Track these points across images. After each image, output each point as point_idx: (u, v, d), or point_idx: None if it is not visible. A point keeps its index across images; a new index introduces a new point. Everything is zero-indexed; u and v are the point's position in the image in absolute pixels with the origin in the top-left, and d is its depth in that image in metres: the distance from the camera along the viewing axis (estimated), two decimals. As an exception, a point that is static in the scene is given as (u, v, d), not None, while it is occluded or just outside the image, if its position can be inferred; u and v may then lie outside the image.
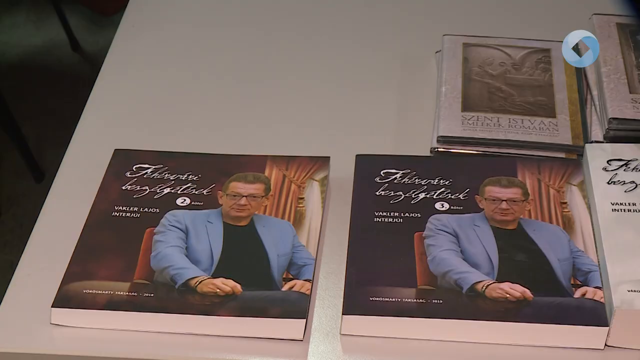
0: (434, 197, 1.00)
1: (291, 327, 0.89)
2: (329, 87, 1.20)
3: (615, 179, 0.99)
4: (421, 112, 1.14)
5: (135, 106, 1.18)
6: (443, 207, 0.99)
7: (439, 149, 1.07)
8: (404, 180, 1.02)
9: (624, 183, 0.99)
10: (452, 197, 1.00)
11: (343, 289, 0.92)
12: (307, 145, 1.10)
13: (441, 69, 1.16)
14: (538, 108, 1.10)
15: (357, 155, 1.05)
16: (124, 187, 1.02)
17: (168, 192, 1.01)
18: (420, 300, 0.90)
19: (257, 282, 0.92)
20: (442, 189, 1.01)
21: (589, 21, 1.17)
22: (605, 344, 0.88)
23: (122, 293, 0.91)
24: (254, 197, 1.01)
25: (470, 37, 1.20)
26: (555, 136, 1.06)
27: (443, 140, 1.07)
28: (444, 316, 0.89)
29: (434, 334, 0.89)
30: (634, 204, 0.96)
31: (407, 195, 1.01)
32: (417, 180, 1.02)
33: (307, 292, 0.91)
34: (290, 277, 0.93)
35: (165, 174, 1.04)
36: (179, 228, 0.97)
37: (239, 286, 0.91)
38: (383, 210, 0.99)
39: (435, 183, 1.02)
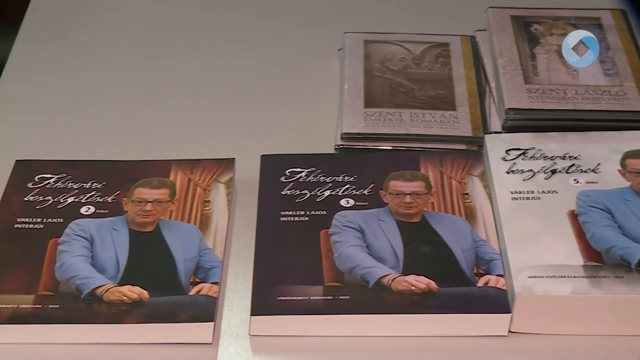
0: (339, 194, 1.01)
1: (200, 330, 0.89)
2: (232, 88, 1.20)
3: (514, 168, 1.01)
4: (325, 110, 1.15)
5: (36, 116, 1.16)
6: (348, 203, 1.00)
7: (343, 146, 1.08)
8: (309, 178, 1.03)
9: (523, 172, 1.01)
10: (357, 193, 1.01)
11: (251, 290, 0.92)
12: (212, 147, 1.10)
13: (343, 66, 1.17)
14: (439, 101, 1.11)
15: (262, 156, 1.06)
16: (26, 199, 1.00)
17: (72, 201, 1.00)
18: (328, 297, 0.91)
19: (164, 288, 0.92)
20: (347, 186, 1.02)
21: (484, 14, 1.19)
22: (509, 330, 0.90)
23: (26, 306, 0.90)
24: (160, 202, 1.00)
25: (371, 34, 1.21)
26: (455, 128, 1.08)
27: (347, 137, 1.08)
28: (351, 312, 0.90)
29: (342, 330, 0.90)
30: (532, 192, 0.98)
31: (312, 193, 1.01)
32: (322, 178, 1.03)
33: (215, 295, 0.91)
34: (198, 280, 0.93)
35: (68, 183, 1.03)
36: (83, 237, 0.96)
37: (145, 293, 0.91)
38: (289, 209, 1.00)
39: (340, 180, 1.03)
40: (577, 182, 0.99)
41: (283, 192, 1.01)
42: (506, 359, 0.89)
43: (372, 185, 1.02)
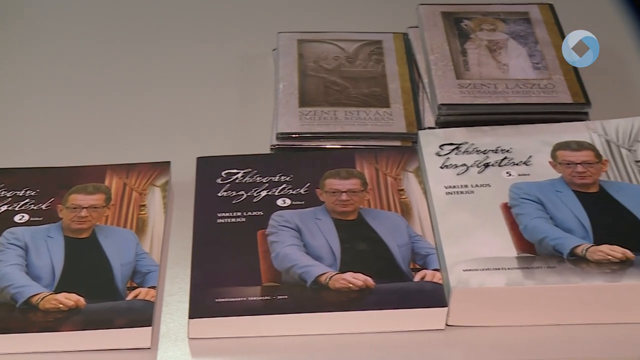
0: (276, 194, 1.01)
1: (137, 335, 0.89)
2: (166, 91, 1.20)
3: (447, 163, 1.02)
4: (261, 111, 1.15)
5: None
6: (285, 203, 1.01)
7: (279, 146, 1.08)
8: (245, 179, 1.03)
9: (456, 166, 1.02)
10: (294, 192, 1.02)
11: (189, 293, 0.92)
12: (148, 151, 1.09)
13: (277, 66, 1.17)
14: (373, 99, 1.12)
15: (198, 158, 1.06)
16: (-42, 209, 0.99)
17: (5, 210, 0.99)
18: (266, 298, 0.91)
19: (101, 294, 0.91)
20: (284, 185, 1.02)
21: (416, 11, 1.20)
22: (446, 324, 0.91)
23: None
24: (95, 208, 1.00)
25: (305, 34, 1.21)
26: (390, 125, 1.09)
27: (282, 137, 1.08)
28: (289, 311, 0.90)
29: (281, 329, 0.90)
30: (466, 186, 1.00)
31: (249, 194, 1.01)
32: (258, 179, 1.03)
33: (152, 300, 0.91)
34: (135, 285, 0.92)
35: (1, 192, 1.01)
36: (17, 245, 0.95)
37: (82, 299, 0.90)
38: (226, 210, 1.00)
39: (276, 180, 1.03)
40: (510, 174, 1.00)
41: (219, 194, 1.01)
42: (444, 353, 0.91)
43: (309, 184, 1.02)
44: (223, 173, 1.04)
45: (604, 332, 0.91)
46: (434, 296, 0.91)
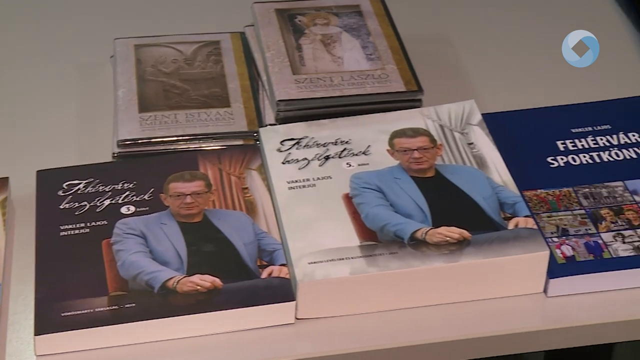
0: (119, 201, 1.01)
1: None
2: (1, 104, 1.17)
3: (289, 158, 1.03)
4: (102, 119, 1.14)
5: None
6: (129, 210, 1.00)
7: (121, 153, 1.07)
8: (87, 189, 1.02)
9: (298, 161, 1.03)
10: (138, 199, 1.01)
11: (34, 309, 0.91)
12: (-15, 167, 1.07)
13: (116, 72, 1.16)
14: (213, 100, 1.12)
15: (37, 171, 1.04)
16: None
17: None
18: (113, 307, 0.90)
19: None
20: (127, 193, 1.02)
21: (250, 10, 1.21)
22: (296, 317, 0.92)
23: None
24: None
25: (142, 38, 1.21)
26: (231, 125, 1.09)
27: (123, 144, 1.07)
28: (137, 319, 0.89)
29: (130, 338, 0.90)
30: (307, 180, 1.01)
31: (92, 204, 1.00)
32: (101, 188, 1.02)
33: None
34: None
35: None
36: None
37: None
38: (68, 223, 0.98)
39: (119, 188, 1.02)
40: (350, 165, 1.02)
41: (61, 206, 1.00)
42: (295, 346, 0.92)
43: (152, 189, 1.02)
44: (64, 185, 1.02)
45: (449, 312, 0.93)
46: (282, 291, 0.92)
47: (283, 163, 1.03)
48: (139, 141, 1.07)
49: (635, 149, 1.05)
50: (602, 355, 1.33)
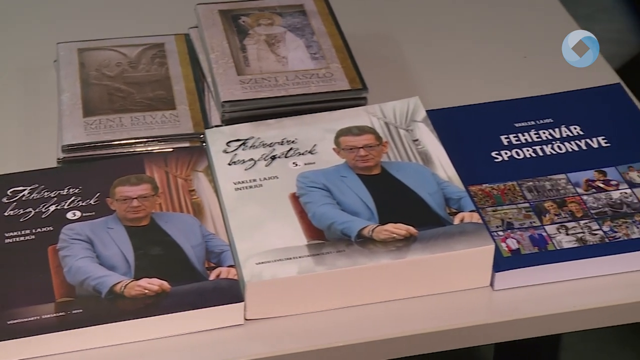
0: (65, 207, 1.00)
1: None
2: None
3: (235, 159, 1.03)
4: (46, 124, 1.13)
5: None
6: (75, 215, 0.99)
7: (66, 158, 1.06)
8: (32, 195, 1.01)
9: (244, 162, 1.03)
10: (84, 204, 1.00)
11: (-21, 319, 0.90)
12: None
13: (59, 77, 1.15)
14: (158, 102, 1.12)
15: (-19, 179, 1.03)
16: None
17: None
18: (60, 314, 0.90)
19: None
20: (73, 198, 1.01)
21: (194, 11, 1.20)
22: (245, 318, 0.92)
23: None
24: None
25: (85, 42, 1.20)
26: (177, 127, 1.09)
27: (68, 148, 1.06)
28: (84, 324, 0.89)
29: (78, 344, 0.89)
30: (254, 180, 1.01)
31: (37, 210, 0.99)
32: (46, 194, 1.01)
33: None
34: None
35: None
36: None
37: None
38: (13, 230, 0.97)
39: (65, 193, 1.01)
40: (296, 165, 1.03)
41: (6, 213, 0.99)
42: (245, 347, 0.92)
43: (98, 194, 1.01)
44: (9, 191, 1.01)
45: (398, 309, 0.94)
46: (230, 292, 0.92)
47: (229, 164, 1.03)
48: (84, 146, 1.06)
49: (577, 141, 1.07)
50: (550, 346, 1.35)
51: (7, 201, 1.00)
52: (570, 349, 1.83)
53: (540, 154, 1.06)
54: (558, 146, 1.06)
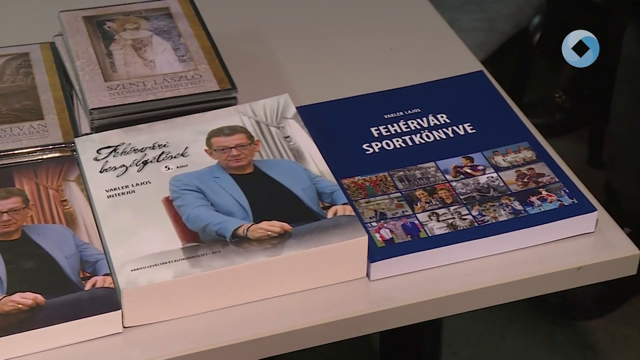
0: None
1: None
2: None
3: (106, 167, 1.02)
4: None
5: None
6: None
7: None
8: None
9: (115, 168, 1.02)
10: (-49, 221, 0.98)
11: None
12: None
13: None
14: (25, 113, 1.10)
15: None
16: None
17: None
18: None
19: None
20: None
21: (58, 19, 1.18)
22: (124, 326, 0.92)
23: None
24: None
25: (-53, 55, 1.17)
26: (46, 137, 1.07)
27: None
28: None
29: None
30: (126, 186, 1.00)
31: None
32: None
33: None
34: None
35: None
36: None
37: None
38: None
39: None
40: (169, 168, 1.02)
41: None
42: (124, 355, 0.91)
43: (-34, 210, 0.99)
44: None
45: (277, 306, 0.94)
46: (107, 301, 0.91)
47: (101, 172, 1.02)
48: (-51, 163, 1.04)
49: (444, 129, 1.09)
50: (433, 331, 1.38)
51: None
52: (459, 333, 1.88)
53: (410, 143, 1.08)
54: (427, 135, 1.09)
